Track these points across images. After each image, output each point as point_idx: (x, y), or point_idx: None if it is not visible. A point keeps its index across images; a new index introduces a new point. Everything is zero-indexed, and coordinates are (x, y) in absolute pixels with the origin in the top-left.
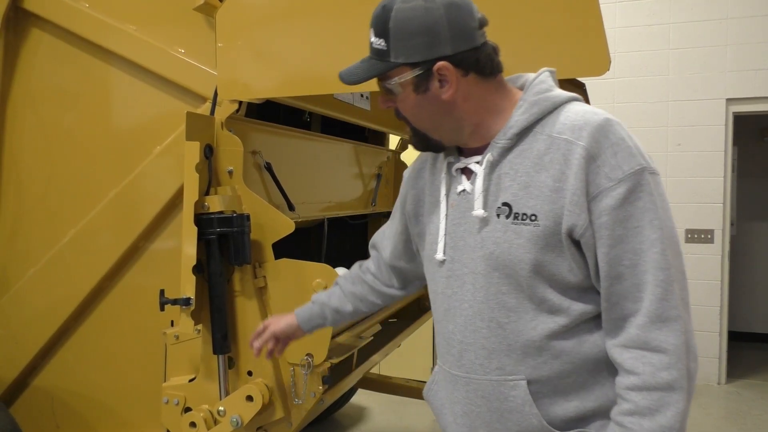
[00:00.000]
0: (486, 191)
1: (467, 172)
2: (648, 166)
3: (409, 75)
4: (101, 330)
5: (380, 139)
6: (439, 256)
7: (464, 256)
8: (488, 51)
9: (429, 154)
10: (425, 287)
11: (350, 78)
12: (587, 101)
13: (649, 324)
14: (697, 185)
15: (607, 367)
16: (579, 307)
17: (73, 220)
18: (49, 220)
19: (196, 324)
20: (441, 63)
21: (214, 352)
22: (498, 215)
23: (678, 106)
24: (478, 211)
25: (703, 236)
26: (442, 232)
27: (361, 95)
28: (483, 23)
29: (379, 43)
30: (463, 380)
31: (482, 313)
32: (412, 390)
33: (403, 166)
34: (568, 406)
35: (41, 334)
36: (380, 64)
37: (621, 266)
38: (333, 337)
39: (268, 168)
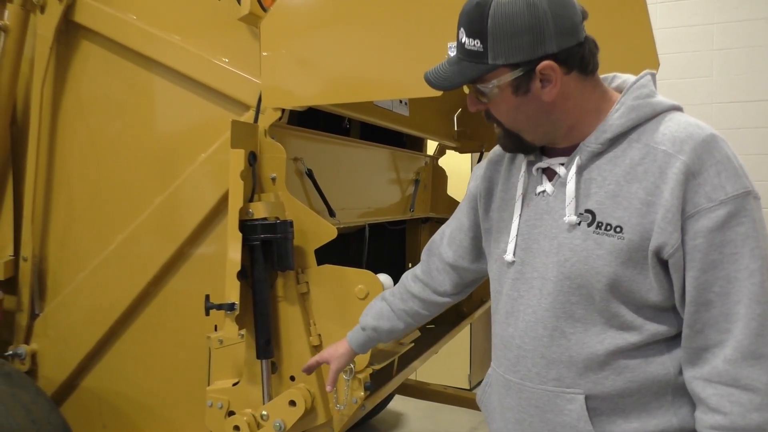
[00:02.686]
0: (576, 196)
1: (549, 173)
2: (753, 191)
3: (509, 77)
4: (147, 334)
5: (418, 145)
6: (509, 257)
7: (536, 260)
8: (590, 46)
9: (506, 157)
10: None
11: (441, 83)
12: None
13: (740, 360)
14: None
15: (674, 392)
16: (653, 327)
17: (120, 226)
18: (97, 226)
19: (240, 329)
20: (545, 62)
21: (258, 357)
22: (579, 222)
23: (722, 108)
24: (571, 217)
25: None
26: (514, 232)
27: (400, 101)
28: (585, 15)
29: (473, 44)
30: (517, 386)
31: (545, 321)
32: (449, 397)
33: (441, 171)
34: (626, 427)
35: (90, 336)
36: (476, 67)
37: (711, 293)
38: None
39: (310, 174)
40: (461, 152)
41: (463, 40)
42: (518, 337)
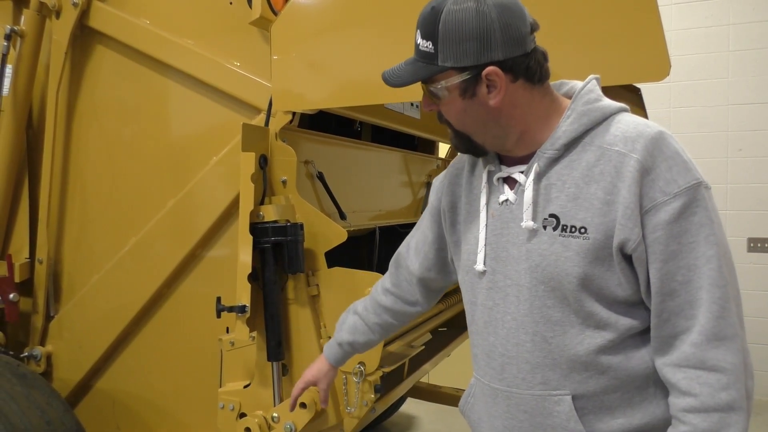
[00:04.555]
0: (534, 202)
1: (510, 182)
2: (703, 181)
3: (456, 79)
4: (160, 335)
5: (430, 148)
6: (479, 267)
7: (507, 268)
8: (538, 57)
9: (465, 162)
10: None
11: (395, 80)
12: (642, 107)
13: (705, 342)
14: (759, 192)
15: (654, 384)
16: (626, 322)
17: (134, 229)
18: (111, 229)
19: (251, 331)
20: (490, 68)
21: (269, 359)
22: (545, 227)
23: (738, 109)
24: (528, 222)
25: (765, 245)
26: (482, 242)
27: (411, 104)
28: (534, 28)
29: (426, 45)
30: (504, 394)
31: (525, 327)
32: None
33: None
34: (613, 424)
35: (104, 338)
36: (426, 68)
37: (674, 282)
38: (384, 346)
39: (320, 177)
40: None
41: (418, 42)
42: (500, 345)
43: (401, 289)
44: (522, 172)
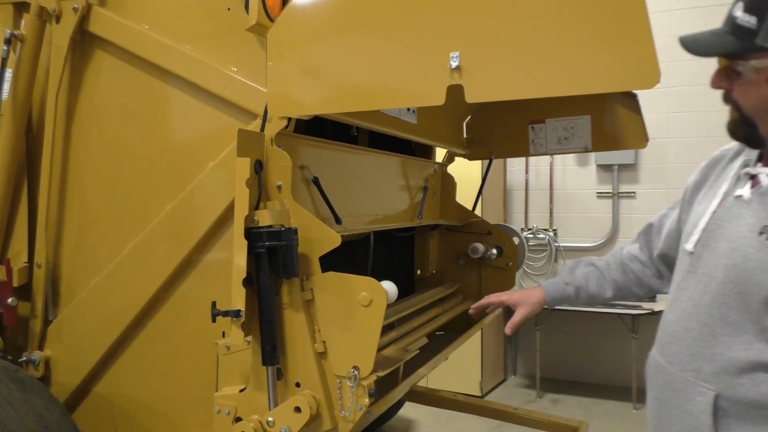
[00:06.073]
0: (763, 205)
1: (755, 180)
2: None
3: None
4: (158, 340)
5: (427, 152)
6: (690, 247)
7: (710, 258)
8: None
9: (732, 151)
10: None
11: (698, 49)
12: (639, 112)
13: None
14: None
15: None
16: None
17: (132, 233)
18: (110, 233)
19: (246, 335)
20: None
21: (263, 364)
22: (761, 233)
23: None
24: (749, 220)
25: None
26: (701, 226)
27: (408, 109)
28: None
29: (747, 20)
30: (663, 368)
31: (699, 316)
32: (459, 404)
33: (450, 178)
34: None
35: (103, 342)
36: (740, 42)
37: None
38: (379, 350)
39: (316, 182)
40: (470, 159)
41: (736, 14)
42: (673, 323)
43: (650, 260)
44: None
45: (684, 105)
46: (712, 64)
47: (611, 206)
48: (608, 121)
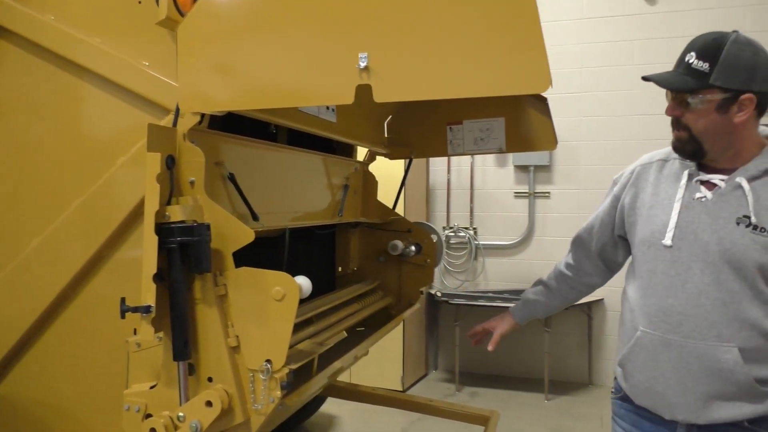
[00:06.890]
0: (739, 204)
1: (707, 185)
2: None
3: (718, 96)
4: (65, 338)
5: (348, 151)
6: (667, 242)
7: (693, 247)
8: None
9: (654, 165)
10: None
11: (666, 84)
12: (549, 115)
13: None
14: None
15: None
16: None
17: (38, 229)
18: (15, 229)
19: (157, 332)
20: (749, 95)
21: (175, 359)
22: (738, 223)
23: (644, 119)
24: (753, 218)
25: None
26: (672, 225)
27: (327, 108)
28: None
29: (701, 65)
30: (678, 344)
31: (708, 293)
32: (380, 398)
33: (371, 177)
34: None
35: (5, 341)
36: (696, 82)
37: None
38: (296, 345)
39: (232, 178)
40: (391, 158)
41: (690, 61)
42: (680, 305)
43: (581, 263)
44: (722, 180)
45: (595, 109)
46: (622, 71)
47: (527, 206)
48: (521, 124)
